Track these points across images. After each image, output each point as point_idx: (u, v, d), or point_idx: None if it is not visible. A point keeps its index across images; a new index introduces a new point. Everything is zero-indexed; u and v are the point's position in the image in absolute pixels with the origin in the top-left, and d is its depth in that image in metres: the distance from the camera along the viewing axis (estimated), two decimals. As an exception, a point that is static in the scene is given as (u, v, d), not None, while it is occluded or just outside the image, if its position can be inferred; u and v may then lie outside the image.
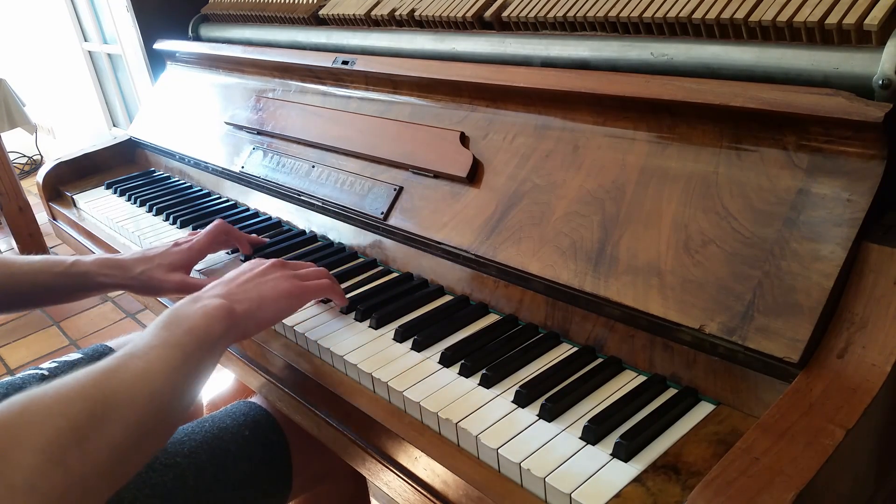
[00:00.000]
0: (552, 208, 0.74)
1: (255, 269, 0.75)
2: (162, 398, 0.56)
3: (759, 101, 0.61)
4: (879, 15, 0.58)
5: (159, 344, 0.60)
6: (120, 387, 0.54)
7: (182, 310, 0.65)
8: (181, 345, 0.61)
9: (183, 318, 0.63)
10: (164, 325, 0.62)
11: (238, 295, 0.70)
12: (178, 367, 0.59)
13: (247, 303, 0.69)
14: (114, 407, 0.52)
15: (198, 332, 0.63)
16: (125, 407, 0.53)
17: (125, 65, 3.00)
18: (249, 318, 0.69)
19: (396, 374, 0.70)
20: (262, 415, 0.89)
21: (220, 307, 0.66)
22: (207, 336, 0.63)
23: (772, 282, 0.58)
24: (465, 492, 0.59)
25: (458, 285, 0.84)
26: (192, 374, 0.61)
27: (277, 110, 1.17)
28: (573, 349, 0.72)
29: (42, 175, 1.44)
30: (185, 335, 0.62)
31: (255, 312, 0.70)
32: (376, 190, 0.94)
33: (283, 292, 0.73)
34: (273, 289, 0.72)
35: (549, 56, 0.83)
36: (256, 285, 0.72)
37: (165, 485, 0.77)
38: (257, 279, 0.73)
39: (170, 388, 0.57)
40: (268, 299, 0.71)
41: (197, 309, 0.65)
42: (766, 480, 0.46)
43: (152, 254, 0.92)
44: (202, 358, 0.62)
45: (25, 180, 4.17)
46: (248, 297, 0.70)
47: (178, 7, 1.50)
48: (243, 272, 0.74)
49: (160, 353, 0.59)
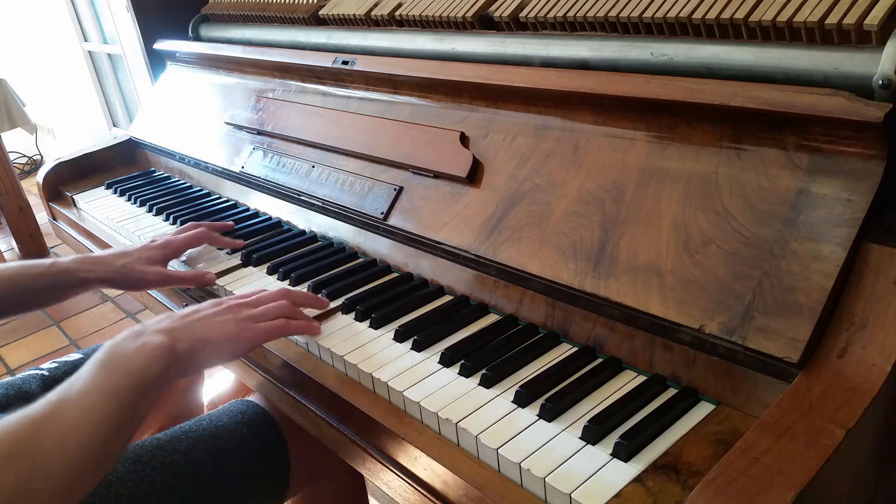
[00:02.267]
0: (552, 208, 0.74)
1: (210, 308, 0.73)
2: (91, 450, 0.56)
3: (759, 101, 0.61)
4: (879, 15, 0.58)
5: (94, 389, 0.59)
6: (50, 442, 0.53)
7: (122, 348, 0.64)
8: (117, 390, 0.59)
9: (122, 359, 0.62)
10: (102, 366, 0.61)
11: (181, 332, 0.68)
12: (111, 414, 0.58)
13: (189, 342, 0.68)
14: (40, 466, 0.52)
15: (136, 374, 0.62)
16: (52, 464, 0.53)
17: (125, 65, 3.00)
18: (190, 358, 0.68)
19: (396, 374, 0.70)
20: (259, 413, 0.89)
21: (160, 346, 0.64)
22: (145, 378, 0.62)
23: (772, 282, 0.58)
24: (465, 492, 0.59)
25: (458, 285, 0.84)
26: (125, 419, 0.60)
27: (277, 110, 1.17)
28: (573, 349, 0.72)
29: (42, 175, 1.44)
30: (123, 378, 0.61)
31: (197, 353, 0.68)
32: (376, 190, 0.94)
33: (229, 335, 0.71)
34: (220, 330, 0.71)
35: (549, 56, 0.83)
36: (203, 325, 0.70)
37: (163, 482, 0.77)
38: (207, 319, 0.71)
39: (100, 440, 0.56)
40: (212, 341, 0.70)
41: (137, 348, 0.64)
42: (766, 480, 0.46)
43: (131, 249, 0.94)
44: (138, 401, 0.61)
45: (25, 180, 4.17)
46: (193, 335, 0.68)
47: (178, 7, 1.50)
48: (196, 310, 0.73)
49: (94, 400, 0.58)
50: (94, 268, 0.90)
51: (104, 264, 0.91)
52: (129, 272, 0.91)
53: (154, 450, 0.80)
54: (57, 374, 0.96)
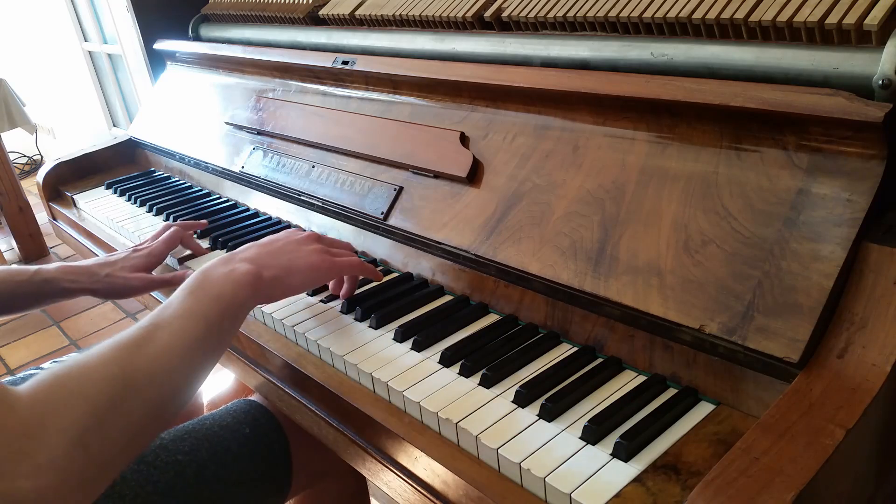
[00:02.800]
0: (552, 208, 0.74)
1: (290, 237, 0.77)
2: (180, 374, 0.59)
3: (759, 101, 0.61)
4: (879, 15, 0.58)
5: (184, 313, 0.61)
6: (141, 365, 0.56)
7: (211, 273, 0.67)
8: (205, 315, 0.62)
9: (210, 284, 0.65)
10: (191, 291, 0.64)
11: (267, 260, 0.71)
12: (200, 338, 0.61)
13: (275, 269, 0.71)
14: (133, 388, 0.54)
15: (224, 299, 0.65)
16: (144, 387, 0.55)
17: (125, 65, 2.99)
18: (276, 285, 0.71)
19: (396, 374, 0.70)
20: (262, 413, 0.89)
21: (248, 273, 0.68)
22: (233, 303, 0.65)
23: (772, 282, 0.58)
24: (465, 492, 0.59)
25: (458, 285, 0.84)
26: (213, 343, 0.63)
27: (277, 110, 1.17)
28: (573, 349, 0.72)
29: (42, 175, 1.44)
30: (211, 303, 0.64)
31: (283, 279, 0.72)
32: (376, 190, 0.94)
33: (312, 264, 0.75)
34: (304, 259, 0.75)
35: (549, 56, 0.83)
36: (288, 253, 0.74)
37: (166, 482, 0.78)
38: (290, 248, 0.75)
39: (189, 363, 0.59)
40: (296, 268, 0.73)
41: (225, 274, 0.67)
42: (766, 480, 0.46)
43: (115, 258, 0.95)
44: (224, 326, 0.64)
45: (25, 180, 4.17)
46: (278, 263, 0.72)
47: (178, 7, 1.50)
48: (278, 239, 0.76)
49: (184, 325, 0.60)
50: (78, 278, 0.91)
51: (88, 274, 0.91)
52: (112, 281, 0.92)
53: (157, 450, 0.80)
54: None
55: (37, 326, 2.49)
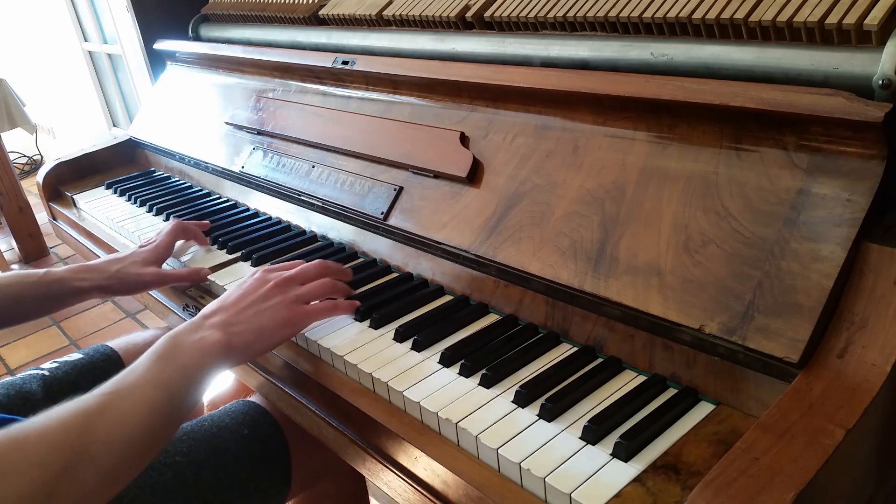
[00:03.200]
0: (552, 208, 0.74)
1: (256, 290, 0.74)
2: (138, 443, 0.58)
3: (759, 101, 0.61)
4: (879, 15, 0.58)
5: (148, 381, 0.61)
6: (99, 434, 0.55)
7: (179, 340, 0.66)
8: (168, 384, 0.62)
9: (178, 352, 0.65)
10: (159, 357, 0.64)
11: (237, 326, 0.70)
12: (161, 407, 0.60)
13: (245, 335, 0.70)
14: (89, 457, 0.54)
15: (191, 368, 0.64)
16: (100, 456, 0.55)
17: (125, 65, 3.00)
18: (246, 350, 0.70)
19: (396, 374, 0.70)
20: (260, 413, 0.89)
21: (217, 343, 0.67)
22: (199, 371, 0.65)
23: (772, 282, 0.58)
24: (465, 492, 0.59)
25: (458, 285, 0.84)
26: (173, 413, 0.62)
27: (277, 110, 1.17)
28: (573, 349, 0.72)
29: (42, 175, 1.44)
30: (176, 372, 0.63)
31: (252, 344, 0.71)
32: (376, 190, 0.94)
33: (281, 321, 0.73)
34: (272, 318, 0.72)
35: (549, 56, 0.83)
36: (256, 314, 0.72)
37: (165, 483, 0.77)
38: (257, 305, 0.73)
39: (147, 432, 0.59)
40: (266, 330, 0.72)
41: (194, 343, 0.66)
42: (766, 480, 0.46)
43: (123, 255, 0.95)
44: (189, 393, 0.64)
45: (25, 180, 4.17)
46: (248, 327, 0.71)
47: (178, 7, 1.50)
48: (245, 294, 0.74)
49: (146, 393, 0.60)
50: (89, 276, 0.90)
51: (99, 271, 0.91)
52: (124, 276, 0.91)
53: (156, 451, 0.80)
54: (57, 374, 0.96)
55: (37, 326, 2.49)
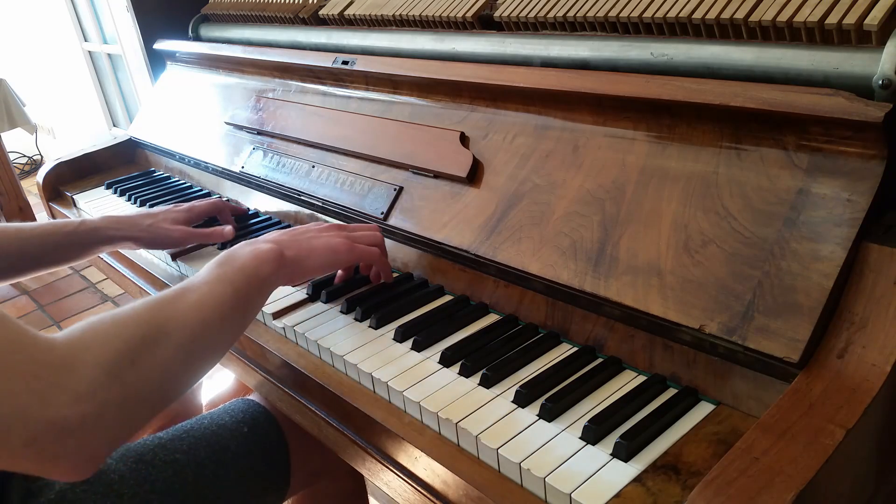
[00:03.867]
0: (552, 208, 0.74)
1: (314, 227, 0.81)
2: (211, 326, 0.63)
3: (759, 101, 0.61)
4: (879, 15, 0.58)
5: (212, 280, 0.66)
6: (173, 314, 0.60)
7: (235, 251, 0.72)
8: (232, 281, 0.67)
9: (235, 258, 0.70)
10: (219, 264, 0.69)
11: (289, 243, 0.76)
12: (227, 300, 0.65)
13: (296, 250, 0.75)
14: (165, 332, 0.59)
15: (248, 270, 0.69)
16: (176, 332, 0.59)
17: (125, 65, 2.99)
18: (297, 264, 0.75)
19: (396, 374, 0.70)
20: (260, 412, 0.89)
21: (271, 251, 0.72)
22: (257, 275, 0.70)
23: (772, 282, 0.58)
24: (465, 492, 0.59)
25: (457, 285, 0.84)
26: (240, 307, 0.67)
27: (277, 110, 1.17)
28: (573, 349, 0.72)
29: (42, 175, 1.44)
30: (237, 273, 0.68)
31: (304, 260, 0.76)
32: (376, 190, 0.94)
33: (332, 246, 0.78)
34: (324, 242, 0.78)
35: (549, 56, 0.83)
36: (309, 238, 0.78)
37: (165, 481, 0.77)
38: (312, 233, 0.79)
39: (219, 318, 0.64)
40: (317, 250, 0.77)
41: (249, 251, 0.72)
42: (766, 480, 0.46)
43: (157, 210, 1.03)
44: (251, 294, 0.69)
45: (25, 180, 4.17)
46: (299, 245, 0.76)
47: (178, 7, 1.50)
48: (301, 229, 0.80)
49: (213, 288, 0.65)
50: (122, 227, 0.98)
51: (131, 224, 0.99)
52: (155, 230, 0.99)
53: (156, 449, 0.80)
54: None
55: (37, 326, 2.46)
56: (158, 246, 1.03)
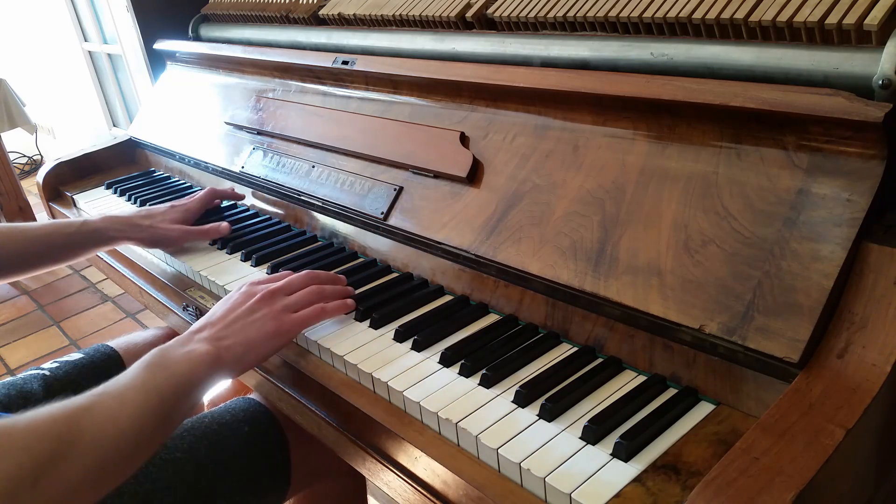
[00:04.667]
0: (552, 208, 0.74)
1: (243, 304, 0.75)
2: (127, 442, 0.58)
3: (759, 101, 0.61)
4: (879, 15, 0.58)
5: (137, 386, 0.62)
6: (88, 427, 0.55)
7: (169, 353, 0.66)
8: (159, 389, 0.62)
9: (167, 362, 0.65)
10: (148, 367, 0.64)
11: (225, 339, 0.70)
12: (150, 411, 0.60)
13: (234, 347, 0.70)
14: (77, 447, 0.54)
15: (179, 378, 0.64)
16: (88, 448, 0.55)
17: (125, 65, 2.99)
18: (236, 363, 0.70)
19: (396, 374, 0.70)
20: (261, 411, 0.89)
21: (206, 353, 0.67)
22: (189, 382, 0.65)
23: (772, 282, 0.58)
24: (465, 492, 0.59)
25: (458, 285, 0.84)
26: (164, 416, 0.62)
27: (277, 110, 1.17)
28: (573, 349, 0.72)
29: (42, 175, 1.44)
30: (166, 381, 0.63)
31: (242, 357, 0.71)
32: (376, 190, 0.94)
33: (270, 333, 0.73)
34: (260, 330, 0.72)
35: (549, 56, 0.83)
36: (243, 326, 0.72)
37: (165, 480, 0.78)
38: (244, 319, 0.73)
39: (136, 433, 0.59)
40: (255, 342, 0.72)
41: (183, 354, 0.67)
42: (766, 480, 0.46)
43: (155, 211, 1.05)
44: (179, 401, 0.64)
45: (25, 180, 4.17)
46: (236, 340, 0.71)
47: (178, 7, 1.50)
48: (231, 308, 0.74)
49: (135, 397, 0.60)
50: (123, 227, 1.01)
51: (132, 225, 1.01)
52: (154, 231, 1.02)
53: (156, 448, 0.80)
54: (58, 374, 0.96)
55: (37, 326, 2.49)
56: (158, 245, 1.04)
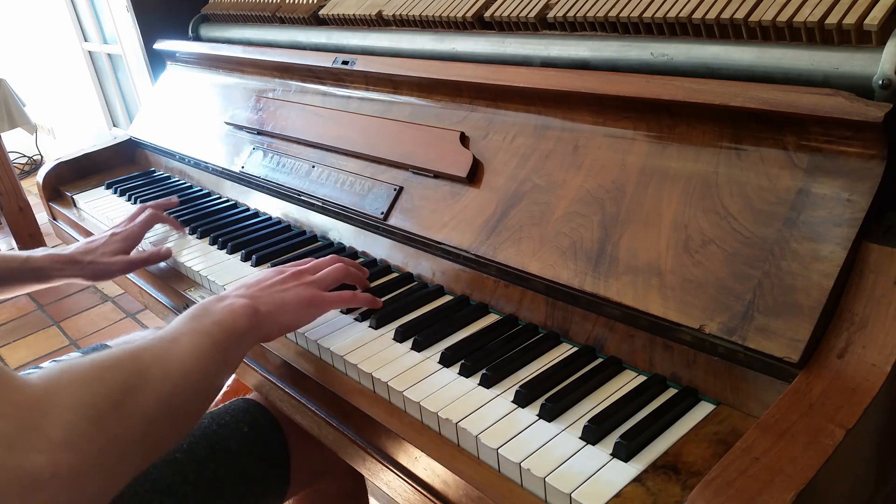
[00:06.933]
0: (552, 208, 0.74)
1: (276, 276, 0.77)
2: (193, 377, 0.59)
3: (759, 101, 0.61)
4: (879, 15, 0.58)
5: (189, 331, 0.63)
6: (154, 361, 0.57)
7: (208, 305, 0.68)
8: (210, 333, 0.63)
9: (210, 312, 0.66)
10: (193, 317, 0.65)
11: (261, 298, 0.72)
12: (206, 352, 0.62)
13: (270, 305, 0.71)
14: (148, 379, 0.55)
15: (224, 324, 0.66)
16: (158, 380, 0.56)
17: (125, 65, 2.99)
18: (272, 321, 0.71)
19: (396, 374, 0.70)
20: (260, 411, 0.89)
21: (245, 306, 0.69)
22: (233, 330, 0.66)
23: (772, 282, 0.58)
24: (465, 492, 0.59)
25: (458, 285, 0.84)
26: (219, 361, 0.63)
27: (277, 110, 1.17)
28: (573, 349, 0.72)
29: (42, 175, 1.44)
30: (213, 326, 0.65)
31: (278, 316, 0.72)
32: (376, 190, 0.94)
33: (303, 300, 0.75)
34: (295, 296, 0.74)
35: (549, 56, 0.83)
36: (279, 291, 0.74)
37: (164, 480, 0.78)
38: (279, 286, 0.75)
39: (200, 370, 0.60)
40: (289, 305, 0.73)
41: (223, 306, 0.68)
42: (766, 480, 0.46)
43: (95, 245, 1.02)
44: (230, 348, 0.65)
45: (25, 180, 4.17)
46: (272, 300, 0.72)
47: (178, 7, 1.50)
48: (266, 278, 0.76)
49: (191, 339, 0.62)
50: (64, 266, 0.98)
51: (72, 262, 0.99)
52: (95, 266, 0.99)
53: (155, 448, 0.80)
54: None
55: (37, 326, 2.49)
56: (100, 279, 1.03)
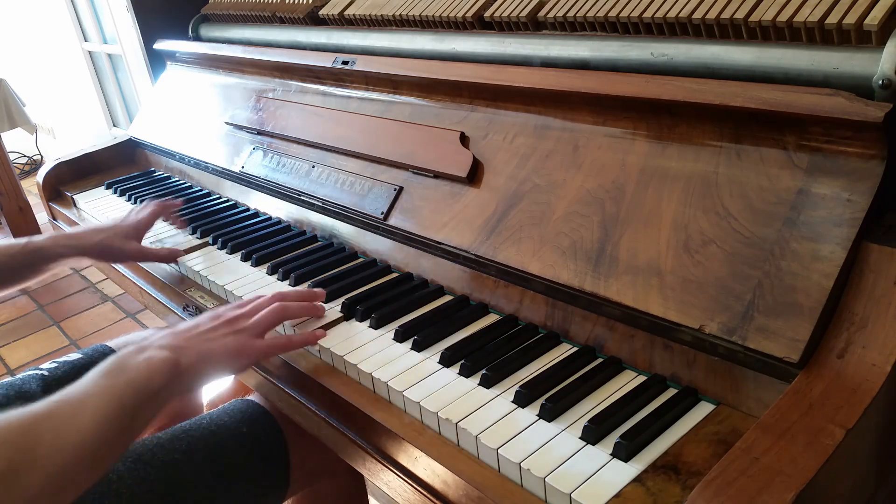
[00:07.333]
0: (552, 208, 0.74)
1: (209, 323, 0.74)
2: (89, 449, 0.56)
3: (759, 101, 0.61)
4: (879, 15, 0.58)
5: (98, 392, 0.60)
6: (48, 434, 0.54)
7: (126, 359, 0.64)
8: (120, 396, 0.60)
9: (126, 369, 0.63)
10: (106, 373, 0.62)
11: (185, 349, 0.68)
12: (112, 418, 0.59)
13: (193, 356, 0.68)
14: (37, 456, 0.52)
15: (137, 384, 0.62)
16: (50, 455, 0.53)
17: (125, 65, 2.99)
18: (193, 373, 0.68)
19: (396, 374, 0.70)
20: (259, 412, 0.89)
21: (164, 360, 0.65)
22: (147, 389, 0.63)
23: (772, 282, 0.58)
24: (465, 492, 0.59)
25: (458, 285, 0.84)
26: (124, 426, 0.60)
27: (277, 110, 1.17)
28: (573, 349, 0.72)
29: (42, 175, 1.44)
30: (125, 386, 0.61)
31: (201, 368, 0.69)
32: (376, 190, 0.94)
33: (231, 351, 0.71)
34: (222, 346, 0.71)
35: (549, 56, 0.83)
36: (206, 340, 0.71)
37: (164, 481, 0.78)
38: (208, 334, 0.72)
39: (99, 440, 0.57)
40: (216, 356, 0.70)
41: (141, 360, 0.64)
42: (766, 480, 0.46)
43: (105, 226, 1.00)
44: (138, 410, 0.62)
45: (25, 180, 4.17)
46: (197, 350, 0.69)
47: (178, 7, 1.50)
48: (198, 325, 0.73)
49: (97, 403, 0.59)
50: (71, 243, 0.96)
51: (80, 239, 0.96)
52: (107, 246, 0.97)
53: (154, 448, 0.80)
54: (57, 374, 0.96)
55: (37, 326, 2.49)
56: (111, 260, 1.01)
